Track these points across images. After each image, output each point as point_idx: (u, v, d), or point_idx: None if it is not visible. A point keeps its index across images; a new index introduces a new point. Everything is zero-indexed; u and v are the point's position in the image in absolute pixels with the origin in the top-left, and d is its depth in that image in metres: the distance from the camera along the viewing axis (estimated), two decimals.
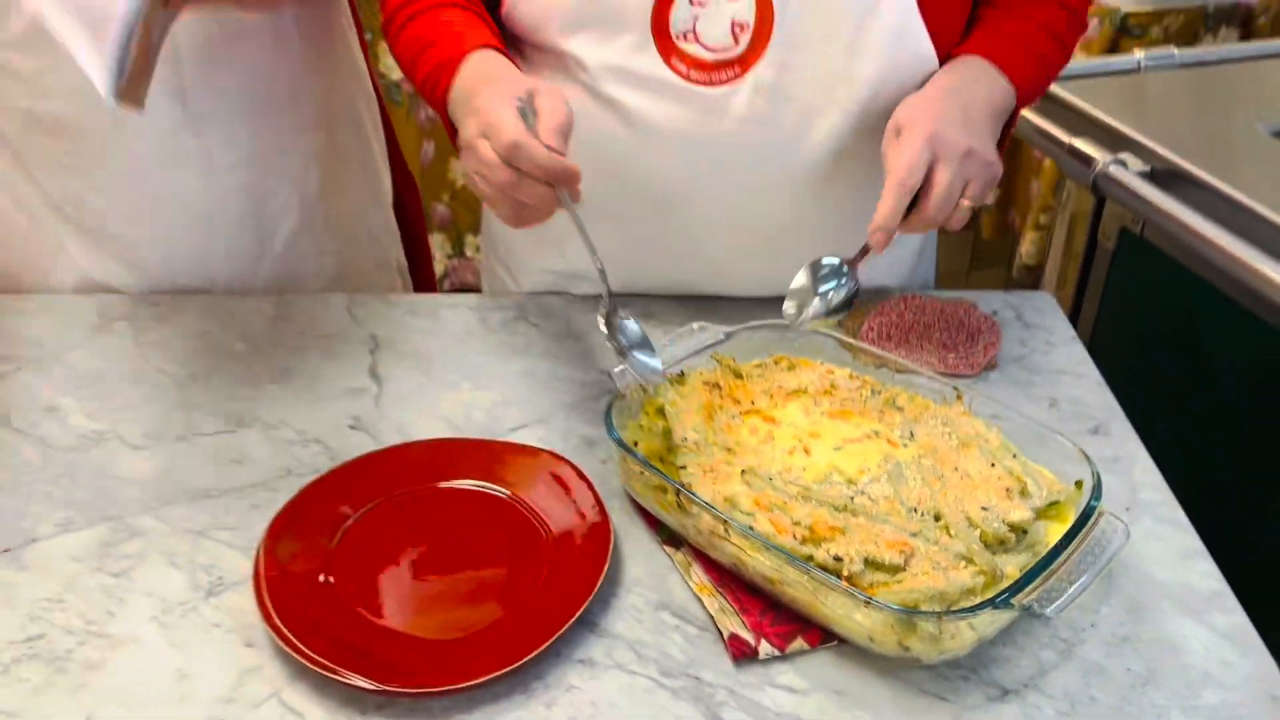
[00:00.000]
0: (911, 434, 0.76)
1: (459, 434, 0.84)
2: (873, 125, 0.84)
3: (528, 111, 0.73)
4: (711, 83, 0.84)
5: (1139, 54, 1.26)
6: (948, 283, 2.50)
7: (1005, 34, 0.87)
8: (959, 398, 0.78)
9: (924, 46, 0.84)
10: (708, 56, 0.84)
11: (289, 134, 1.04)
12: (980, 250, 2.39)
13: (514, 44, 0.91)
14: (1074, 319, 1.23)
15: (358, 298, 1.01)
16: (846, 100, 0.84)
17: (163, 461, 0.81)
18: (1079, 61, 1.31)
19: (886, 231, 0.78)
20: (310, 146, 1.06)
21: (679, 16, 0.82)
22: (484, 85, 0.77)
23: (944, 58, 0.85)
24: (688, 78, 0.84)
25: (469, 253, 2.34)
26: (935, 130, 0.78)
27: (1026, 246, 2.07)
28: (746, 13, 0.82)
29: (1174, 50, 1.27)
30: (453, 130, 0.83)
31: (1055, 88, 1.19)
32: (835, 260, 0.83)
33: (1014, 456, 0.74)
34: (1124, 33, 1.90)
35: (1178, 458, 0.84)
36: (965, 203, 0.79)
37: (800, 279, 0.84)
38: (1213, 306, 1.01)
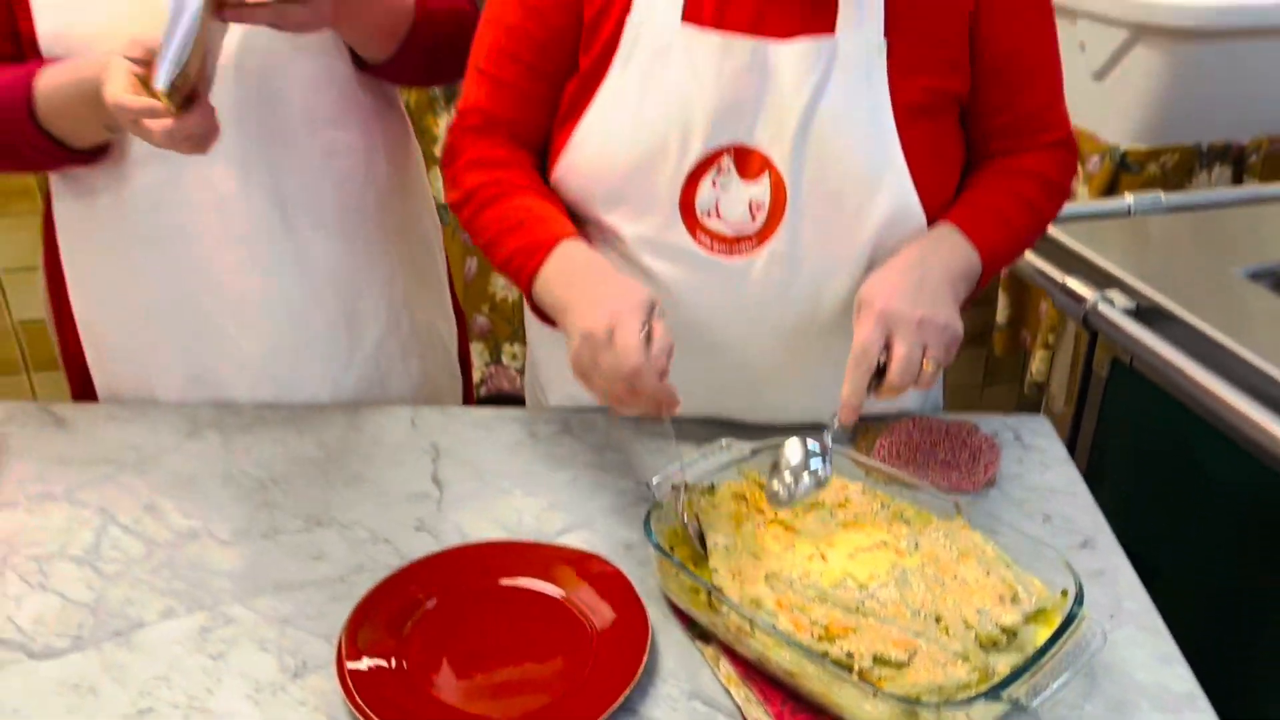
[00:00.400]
0: (916, 544, 0.86)
1: (512, 536, 0.94)
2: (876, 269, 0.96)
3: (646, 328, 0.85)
4: (732, 254, 0.96)
5: (1129, 198, 1.39)
6: (961, 396, 2.61)
7: (978, 204, 0.98)
8: (959, 513, 0.88)
9: (919, 218, 0.95)
10: (728, 232, 0.95)
11: (376, 244, 1.16)
12: (993, 367, 2.50)
13: None
14: (1074, 438, 1.33)
15: (421, 410, 1.13)
16: (853, 266, 0.96)
17: (251, 556, 0.91)
18: (1075, 206, 1.43)
19: (851, 407, 0.88)
20: (394, 257, 1.18)
21: (703, 197, 0.94)
22: (600, 284, 0.89)
23: (933, 220, 0.97)
24: (711, 250, 0.96)
25: (505, 360, 2.47)
26: (886, 307, 0.88)
27: (1036, 364, 2.17)
28: (762, 194, 0.94)
29: (1160, 195, 1.39)
30: (533, 301, 0.96)
31: (1052, 229, 1.31)
32: (814, 444, 0.90)
33: (1008, 566, 0.83)
34: (1123, 169, 2.02)
35: (1168, 570, 0.92)
36: (928, 366, 0.88)
37: (791, 452, 0.90)
38: (1198, 433, 1.10)
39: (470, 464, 1.04)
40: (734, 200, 0.94)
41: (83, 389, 1.18)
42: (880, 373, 0.88)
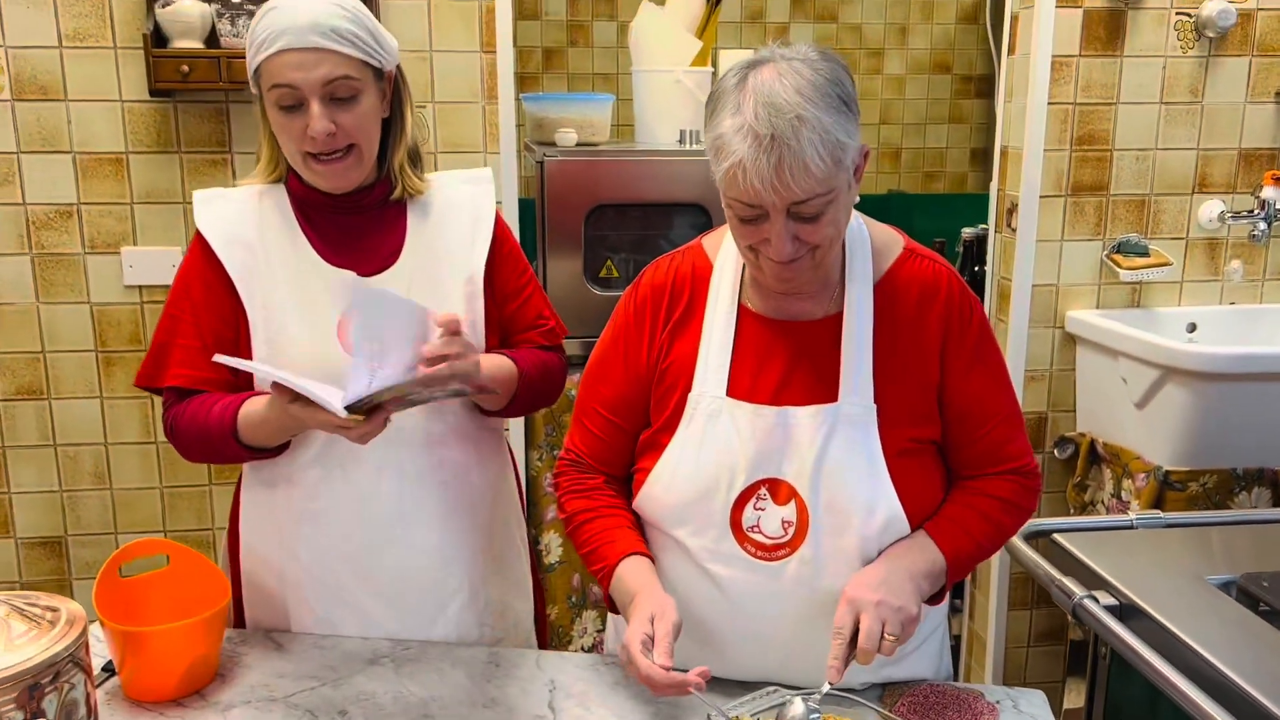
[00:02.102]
0: None
1: None
2: None
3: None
4: (771, 559, 1.28)
5: (1132, 514, 1.67)
6: (1014, 647, 2.76)
7: (946, 518, 1.31)
8: None
9: (906, 530, 1.29)
10: (767, 542, 1.28)
11: (466, 534, 1.51)
12: (1036, 628, 2.67)
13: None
14: (1089, 709, 1.55)
15: (542, 654, 1.46)
16: (861, 564, 1.27)
17: None
18: (1087, 519, 1.72)
19: (835, 669, 1.17)
20: (478, 546, 1.53)
21: (747, 517, 1.29)
22: (631, 606, 1.26)
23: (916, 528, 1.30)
24: (755, 556, 1.28)
25: None
26: (854, 595, 1.19)
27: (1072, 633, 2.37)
28: (791, 515, 1.28)
29: (1160, 513, 1.66)
30: (610, 601, 1.34)
31: (1060, 537, 1.60)
32: (813, 699, 1.18)
33: None
34: (1168, 487, 2.28)
35: None
36: (888, 638, 1.17)
37: (796, 708, 1.17)
38: (1168, 715, 1.33)
39: (577, 696, 1.35)
40: (771, 519, 1.28)
41: (238, 620, 1.54)
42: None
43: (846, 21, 4.30)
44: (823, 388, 1.29)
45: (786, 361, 1.30)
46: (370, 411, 1.27)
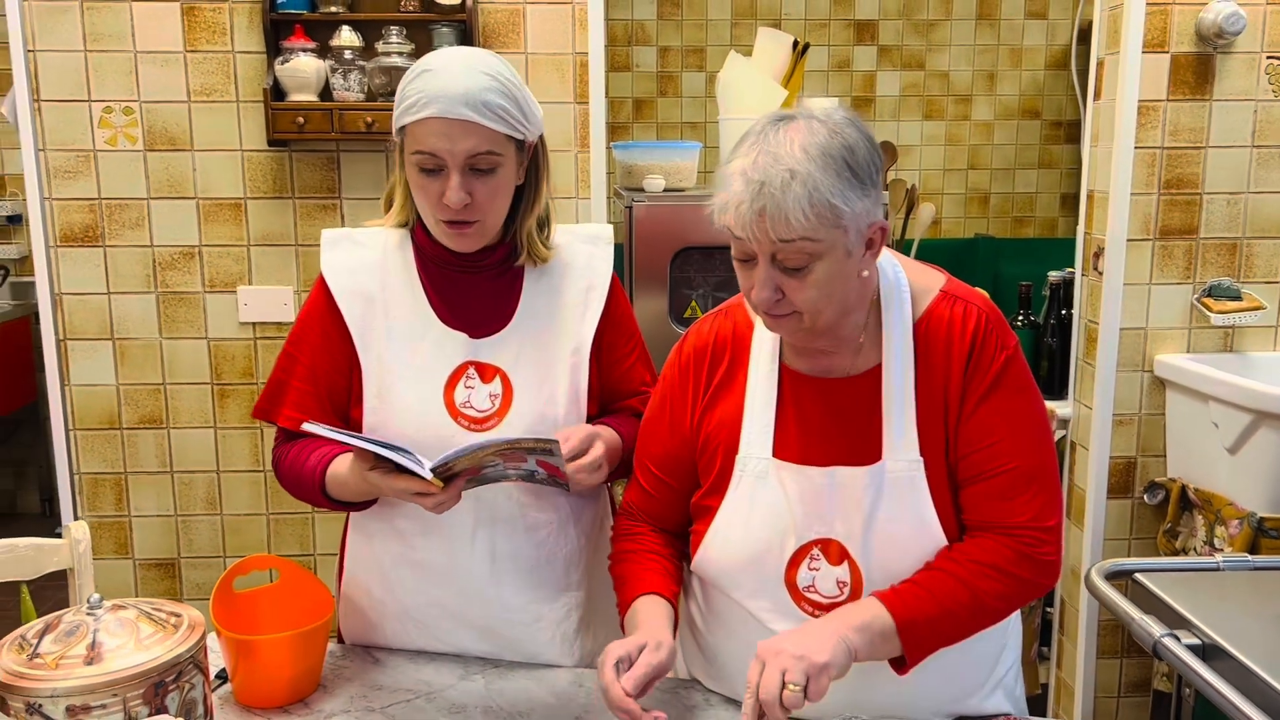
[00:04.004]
0: None
1: None
2: None
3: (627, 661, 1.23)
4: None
5: (1219, 557, 1.65)
6: (1104, 697, 2.72)
7: (914, 579, 1.25)
8: None
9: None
10: (824, 601, 1.29)
11: (561, 585, 1.53)
12: (1127, 677, 2.61)
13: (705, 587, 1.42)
14: None
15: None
16: None
17: None
18: (1175, 560, 1.70)
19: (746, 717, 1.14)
20: (572, 599, 1.54)
21: (802, 577, 1.30)
22: (629, 629, 1.31)
23: None
24: (812, 614, 1.29)
25: None
26: (763, 647, 1.16)
27: (1156, 682, 2.32)
28: (845, 575, 1.28)
29: (1249, 555, 1.64)
30: None
31: (1144, 578, 1.59)
32: None
33: None
34: (1262, 533, 2.23)
35: None
36: (791, 687, 1.12)
37: None
38: None
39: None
40: (826, 579, 1.30)
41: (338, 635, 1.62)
42: None
43: (934, 69, 4.34)
44: (867, 446, 1.30)
45: (829, 420, 1.31)
46: (449, 480, 1.30)
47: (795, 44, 2.83)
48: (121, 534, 2.52)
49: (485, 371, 1.46)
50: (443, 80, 1.33)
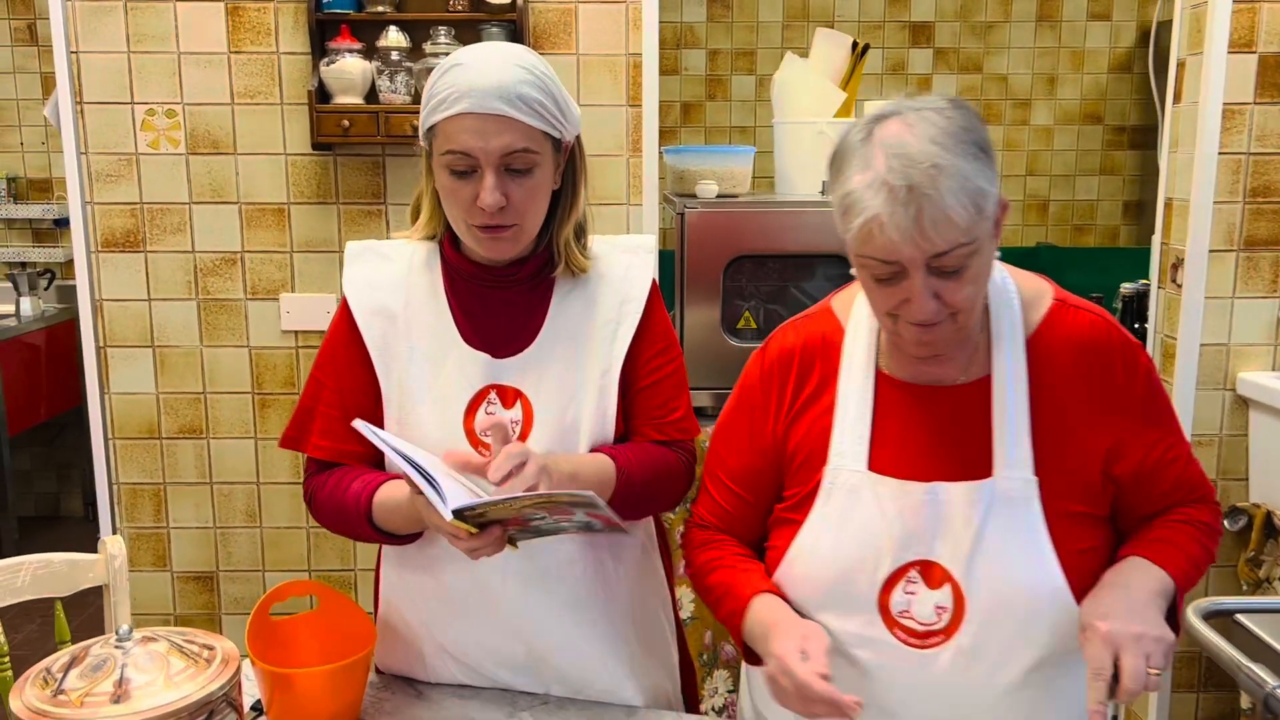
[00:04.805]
0: None
1: None
2: (1045, 657, 1.17)
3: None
4: (924, 646, 1.18)
5: None
6: None
7: (1155, 540, 1.20)
8: None
9: (1073, 608, 1.15)
10: (919, 628, 1.18)
11: (604, 624, 1.40)
12: (1204, 712, 2.47)
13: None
14: None
15: (681, 715, 1.41)
16: (1023, 656, 1.17)
17: None
18: (1270, 599, 1.58)
19: (1098, 713, 1.06)
20: (620, 635, 1.41)
21: (896, 601, 1.19)
22: (772, 630, 1.16)
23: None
24: (905, 643, 1.18)
25: None
26: (1108, 629, 1.06)
27: None
28: (946, 600, 1.17)
29: None
30: (745, 648, 1.25)
31: (1246, 619, 1.47)
32: None
33: None
34: None
35: None
36: (1153, 672, 1.04)
37: None
38: None
39: None
40: (923, 604, 1.18)
41: None
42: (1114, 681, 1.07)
43: (992, 72, 4.21)
44: (975, 461, 1.20)
45: (932, 432, 1.22)
46: (484, 525, 1.17)
47: (854, 45, 2.74)
48: (160, 546, 2.47)
49: (507, 395, 1.35)
50: (475, 74, 1.23)
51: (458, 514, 1.13)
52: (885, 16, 4.19)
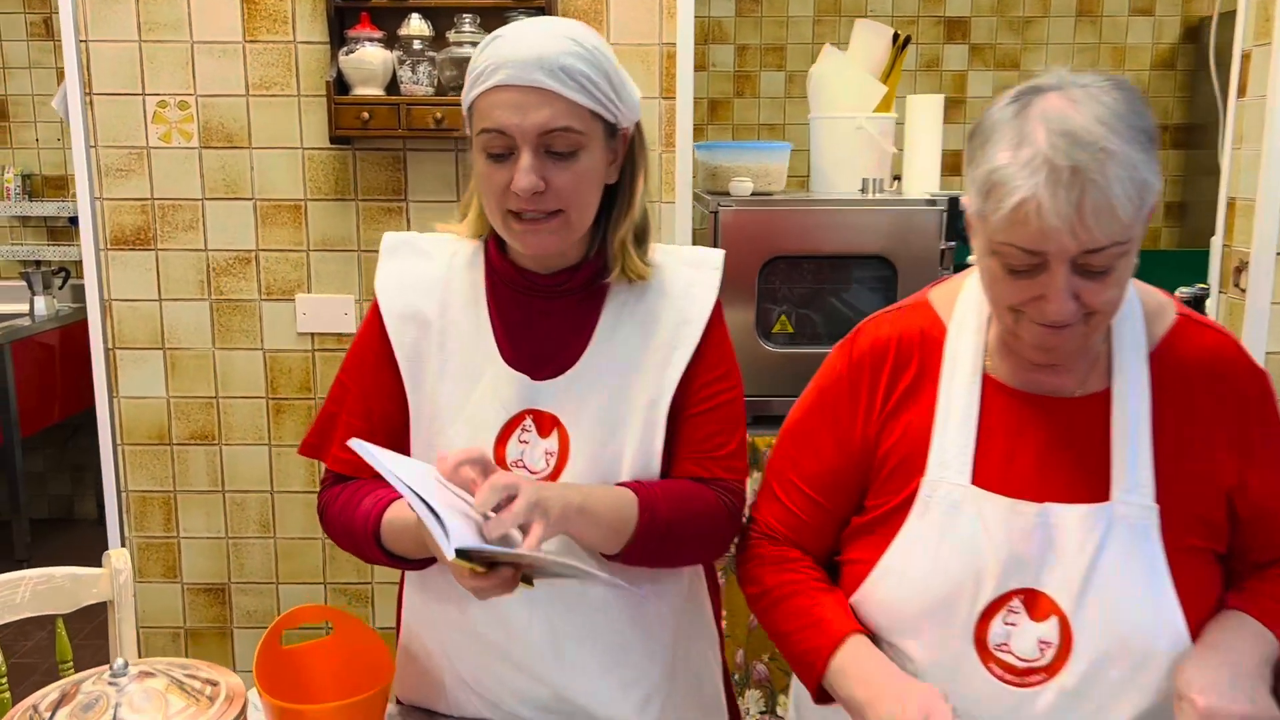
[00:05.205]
0: None
1: None
2: (1156, 706, 1.05)
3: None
4: (1022, 684, 1.07)
5: None
6: None
7: (1263, 594, 1.09)
8: None
9: (1188, 646, 1.05)
10: (1018, 664, 1.07)
11: (640, 671, 1.27)
12: None
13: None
14: None
15: None
16: (1137, 698, 1.06)
17: None
18: None
19: None
20: (660, 684, 1.28)
21: (995, 633, 1.07)
22: (881, 695, 1.04)
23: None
24: (1002, 679, 1.07)
25: (779, 710, 2.57)
26: (1208, 706, 0.97)
27: None
28: (1051, 634, 1.06)
29: None
30: (818, 689, 1.12)
31: None
32: None
33: None
34: None
35: None
36: None
37: None
38: None
39: None
40: (1024, 637, 1.07)
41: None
42: None
43: (1030, 69, 4.08)
44: (1090, 481, 1.09)
45: (1044, 446, 1.10)
46: (492, 565, 1.04)
47: (895, 37, 2.62)
48: (170, 556, 2.38)
49: (543, 422, 1.21)
50: (514, 44, 1.12)
51: (462, 554, 0.99)
52: (920, 11, 4.07)
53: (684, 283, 1.25)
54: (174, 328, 2.30)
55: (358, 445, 1.05)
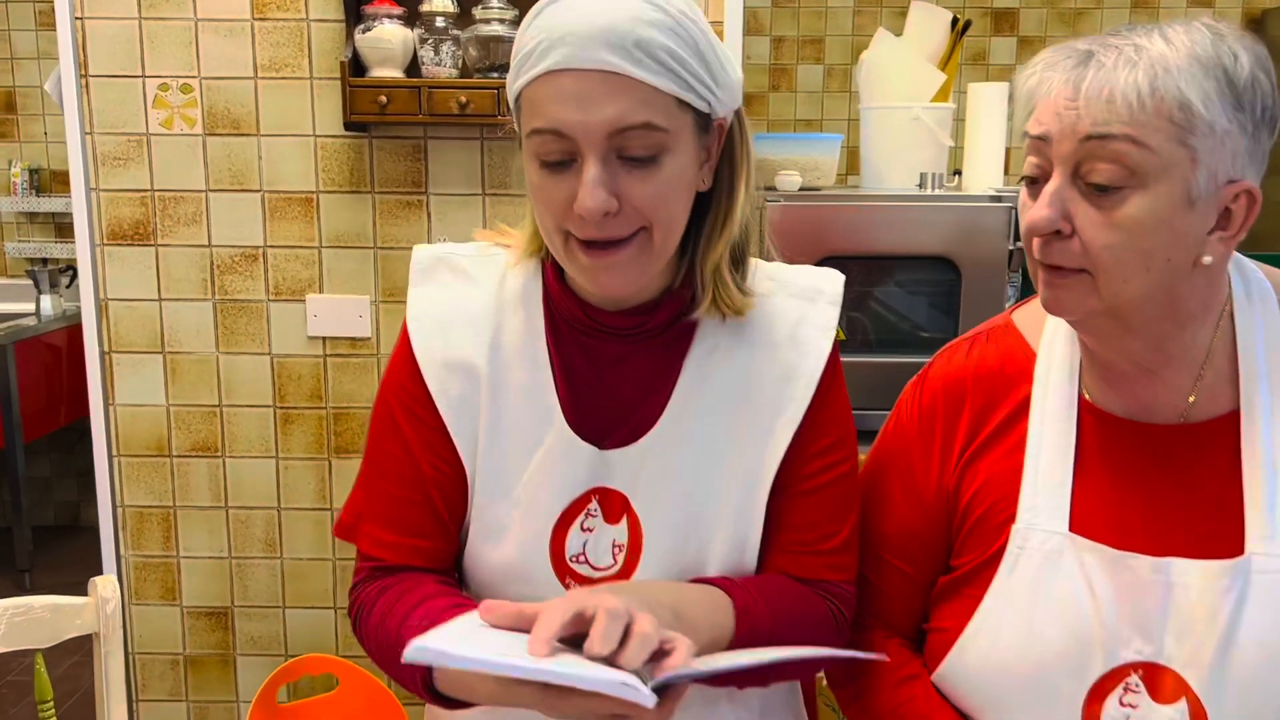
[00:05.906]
0: None
1: None
2: None
3: None
4: None
5: None
6: None
7: None
8: None
9: None
10: None
11: None
12: None
13: None
14: None
15: None
16: None
17: None
18: None
19: None
20: None
21: (1110, 715, 0.90)
22: None
23: None
24: None
25: None
26: None
27: None
28: (1181, 718, 0.88)
29: None
30: None
31: None
32: None
33: None
34: None
35: None
36: None
37: None
38: None
39: None
40: (1148, 714, 0.89)
41: None
42: None
43: None
44: (1219, 528, 0.91)
45: (1158, 485, 0.93)
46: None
47: (954, 21, 2.45)
48: (169, 577, 2.23)
49: (611, 503, 0.97)
50: (572, 13, 0.85)
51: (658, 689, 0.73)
52: (965, 2, 3.89)
53: (791, 321, 0.99)
54: (174, 330, 2.15)
55: (416, 652, 0.72)
